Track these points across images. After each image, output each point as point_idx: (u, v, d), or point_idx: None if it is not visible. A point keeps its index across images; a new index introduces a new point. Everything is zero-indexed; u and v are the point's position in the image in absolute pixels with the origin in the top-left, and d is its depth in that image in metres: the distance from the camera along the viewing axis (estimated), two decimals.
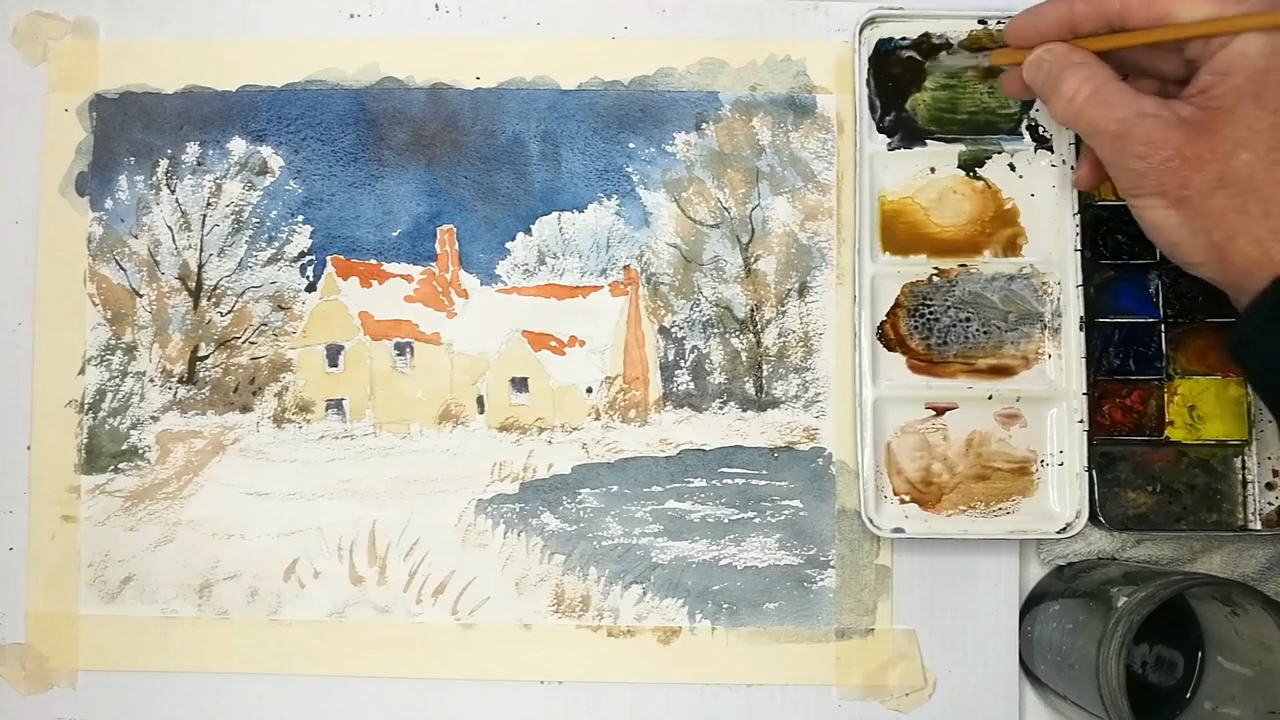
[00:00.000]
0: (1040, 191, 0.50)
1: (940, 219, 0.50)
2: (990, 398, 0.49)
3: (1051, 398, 0.49)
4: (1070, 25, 0.42)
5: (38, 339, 0.51)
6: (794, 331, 0.51)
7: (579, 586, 0.50)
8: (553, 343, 0.51)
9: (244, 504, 0.50)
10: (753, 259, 0.51)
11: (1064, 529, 0.48)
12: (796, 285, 0.51)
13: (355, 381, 0.51)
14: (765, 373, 0.51)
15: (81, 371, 0.51)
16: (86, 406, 0.51)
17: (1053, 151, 0.50)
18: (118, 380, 0.51)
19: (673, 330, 0.51)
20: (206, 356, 0.51)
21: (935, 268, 0.50)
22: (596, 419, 0.51)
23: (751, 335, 0.51)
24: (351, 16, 0.52)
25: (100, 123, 0.51)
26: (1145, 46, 0.41)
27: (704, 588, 0.50)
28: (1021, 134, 0.50)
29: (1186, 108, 0.38)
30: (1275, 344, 0.37)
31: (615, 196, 0.51)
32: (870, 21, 0.50)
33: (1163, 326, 0.49)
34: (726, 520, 0.50)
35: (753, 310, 0.51)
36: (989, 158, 0.50)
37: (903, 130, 0.50)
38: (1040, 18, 0.43)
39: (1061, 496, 0.49)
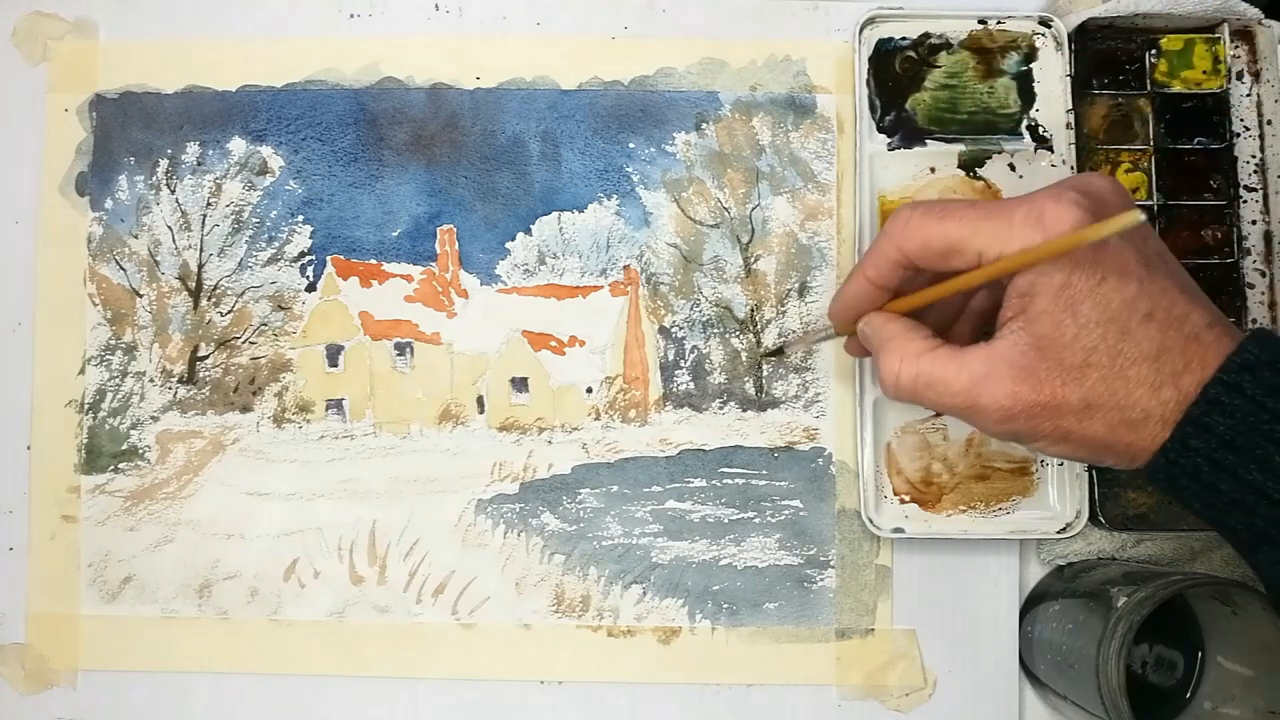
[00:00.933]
0: None
1: None
2: None
3: None
4: (874, 295, 0.40)
5: (38, 339, 0.51)
6: (794, 331, 0.51)
7: (579, 586, 0.50)
8: (553, 343, 0.51)
9: (244, 504, 0.50)
10: (753, 259, 0.51)
11: (1064, 529, 0.48)
12: (796, 285, 0.51)
13: (355, 381, 0.51)
14: (765, 373, 0.51)
15: (81, 371, 0.51)
16: (86, 406, 0.51)
17: (1053, 151, 0.50)
18: (118, 380, 0.51)
19: (673, 330, 0.51)
20: (206, 356, 0.51)
21: None
22: (596, 419, 0.51)
23: (751, 335, 0.51)
24: (351, 16, 0.52)
25: (100, 123, 0.51)
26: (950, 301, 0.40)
27: (704, 588, 0.50)
28: (1021, 134, 0.50)
29: (1013, 348, 0.36)
30: (1180, 499, 0.37)
31: (615, 196, 0.51)
32: (870, 21, 0.50)
33: None
34: (726, 520, 0.50)
35: (753, 310, 0.51)
36: (989, 158, 0.50)
37: (903, 130, 0.50)
38: (845, 298, 0.41)
39: (1061, 496, 0.49)
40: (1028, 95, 0.50)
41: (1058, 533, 0.48)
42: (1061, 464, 0.49)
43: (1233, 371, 0.34)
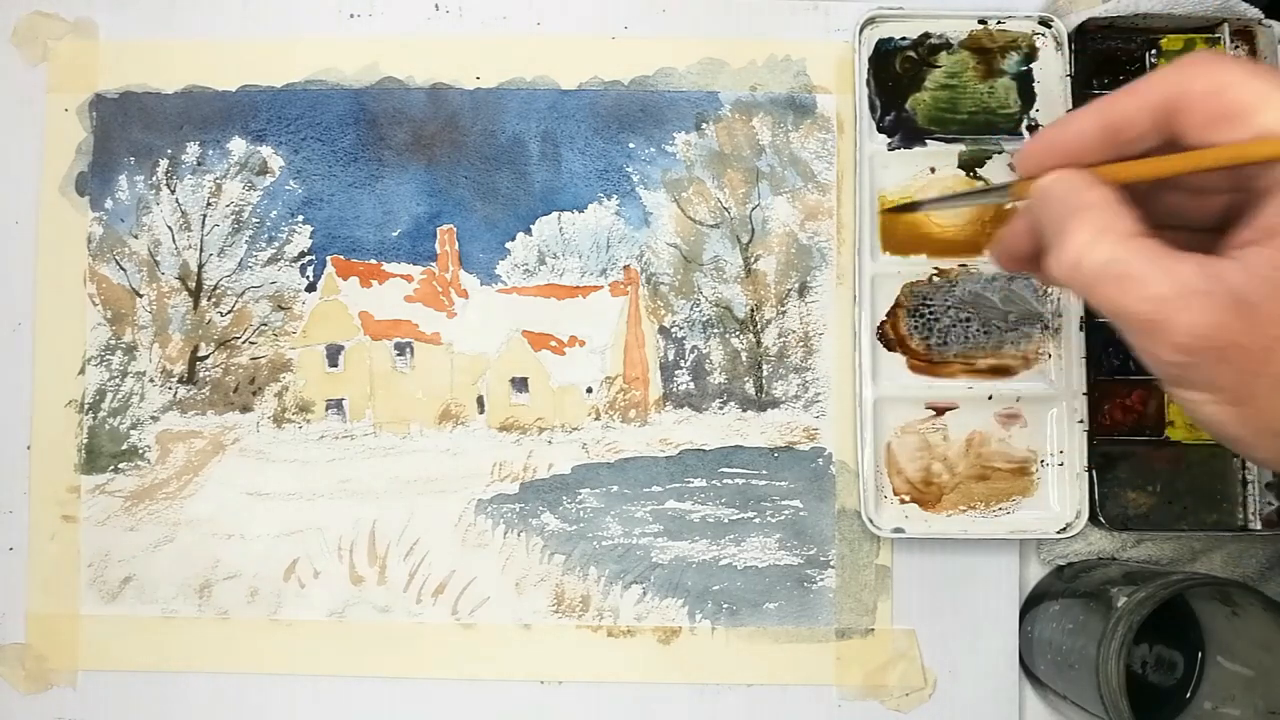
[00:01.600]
0: None
1: (940, 219, 0.50)
2: (990, 398, 0.49)
3: (1052, 398, 0.49)
4: (1093, 147, 0.32)
5: (38, 339, 0.51)
6: (794, 331, 0.51)
7: (579, 586, 0.50)
8: (553, 343, 0.51)
9: (244, 504, 0.50)
10: (753, 259, 0.51)
11: (1064, 529, 0.48)
12: (796, 285, 0.51)
13: (355, 381, 0.51)
14: (765, 373, 0.51)
15: (81, 371, 0.51)
16: (86, 406, 0.51)
17: None
18: (118, 380, 0.51)
19: (673, 330, 0.51)
20: (206, 356, 0.51)
21: (935, 268, 0.50)
22: (596, 419, 0.51)
23: (751, 335, 0.51)
24: (351, 16, 0.52)
25: (100, 123, 0.51)
26: (1185, 183, 0.32)
27: (704, 588, 0.50)
28: (1022, 134, 0.50)
29: (1244, 273, 0.29)
30: None
31: (615, 196, 0.51)
32: (870, 21, 0.50)
33: None
34: (726, 520, 0.50)
35: (753, 310, 0.51)
36: (989, 158, 0.50)
37: (903, 130, 0.50)
38: (1054, 139, 0.32)
39: (1061, 496, 0.49)
40: (1028, 95, 0.50)
41: (1058, 533, 0.48)
42: (1062, 464, 0.49)
43: None
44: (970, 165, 0.50)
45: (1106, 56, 0.51)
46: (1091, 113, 0.32)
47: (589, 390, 0.51)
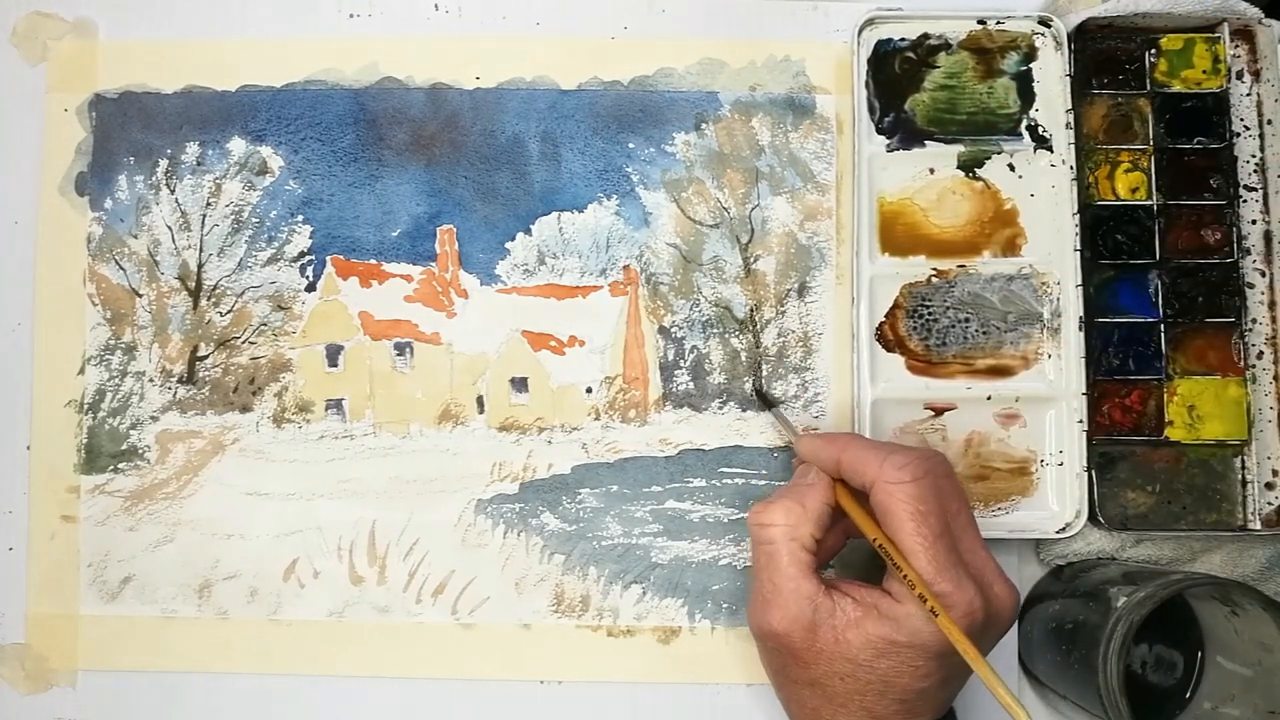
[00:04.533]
0: (1039, 192, 0.50)
1: (939, 220, 0.50)
2: (989, 398, 0.49)
3: (1051, 398, 0.49)
4: (840, 473, 0.42)
5: (38, 339, 0.51)
6: (793, 331, 0.51)
7: (579, 586, 0.50)
8: (552, 343, 0.51)
9: (244, 504, 0.50)
10: (752, 259, 0.51)
11: (1063, 529, 0.48)
12: (796, 285, 0.51)
13: (355, 381, 0.51)
14: (765, 373, 0.51)
15: (81, 371, 0.51)
16: (86, 406, 0.51)
17: (1052, 151, 0.50)
18: (117, 380, 0.51)
19: (672, 330, 0.51)
20: (206, 356, 0.51)
21: (934, 268, 0.50)
22: (596, 419, 0.51)
23: (751, 335, 0.51)
24: (351, 16, 0.52)
25: (100, 123, 0.51)
26: None
27: (704, 587, 0.50)
28: (1021, 134, 0.50)
29: (828, 613, 0.40)
30: None
31: (615, 196, 0.51)
32: (869, 22, 0.50)
33: (1162, 326, 0.49)
34: (726, 520, 0.50)
35: (752, 310, 0.51)
36: (988, 158, 0.50)
37: (902, 131, 0.50)
38: (820, 450, 0.43)
39: (1061, 496, 0.49)
40: (1027, 95, 0.50)
41: (1057, 533, 0.48)
42: (1061, 464, 0.49)
43: None
44: (969, 166, 0.50)
45: (1106, 56, 0.51)
46: (835, 448, 0.42)
47: (589, 390, 0.51)
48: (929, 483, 0.39)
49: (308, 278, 0.51)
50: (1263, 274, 0.50)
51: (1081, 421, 0.48)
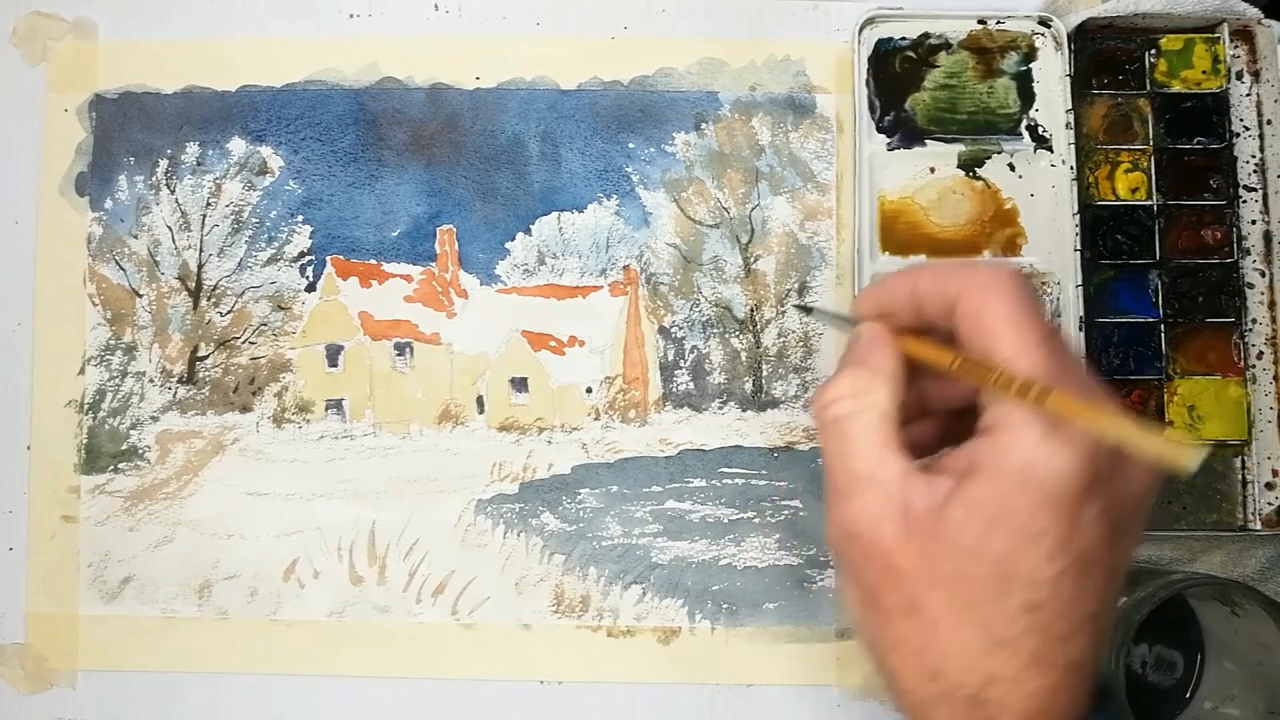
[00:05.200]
0: (1040, 191, 0.50)
1: (940, 219, 0.50)
2: None
3: None
4: (914, 310, 0.33)
5: (38, 339, 0.51)
6: (793, 331, 0.51)
7: (579, 586, 0.50)
8: (552, 343, 0.51)
9: (244, 504, 0.50)
10: (752, 259, 0.51)
11: None
12: (796, 285, 0.51)
13: (355, 381, 0.51)
14: (765, 373, 0.51)
15: (81, 371, 0.51)
16: (86, 406, 0.51)
17: (1052, 151, 0.50)
18: (117, 380, 0.51)
19: (672, 330, 0.51)
20: (206, 356, 0.51)
21: None
22: (596, 419, 0.51)
23: (751, 335, 0.51)
24: (351, 16, 0.52)
25: (100, 123, 0.51)
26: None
27: (704, 588, 0.50)
28: (1021, 134, 0.50)
29: (914, 491, 0.30)
30: None
31: (615, 196, 0.51)
32: (870, 21, 0.50)
33: (1162, 326, 0.49)
34: (726, 520, 0.50)
35: (752, 310, 0.51)
36: (988, 158, 0.50)
37: (902, 130, 0.50)
38: (883, 290, 0.34)
39: None
40: (1027, 95, 0.50)
41: None
42: None
43: None
44: (970, 165, 0.50)
45: (1106, 56, 0.51)
46: (906, 279, 0.33)
47: (589, 390, 0.51)
48: (1028, 284, 0.31)
49: (308, 278, 0.51)
50: (1263, 274, 0.50)
51: None
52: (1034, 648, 0.29)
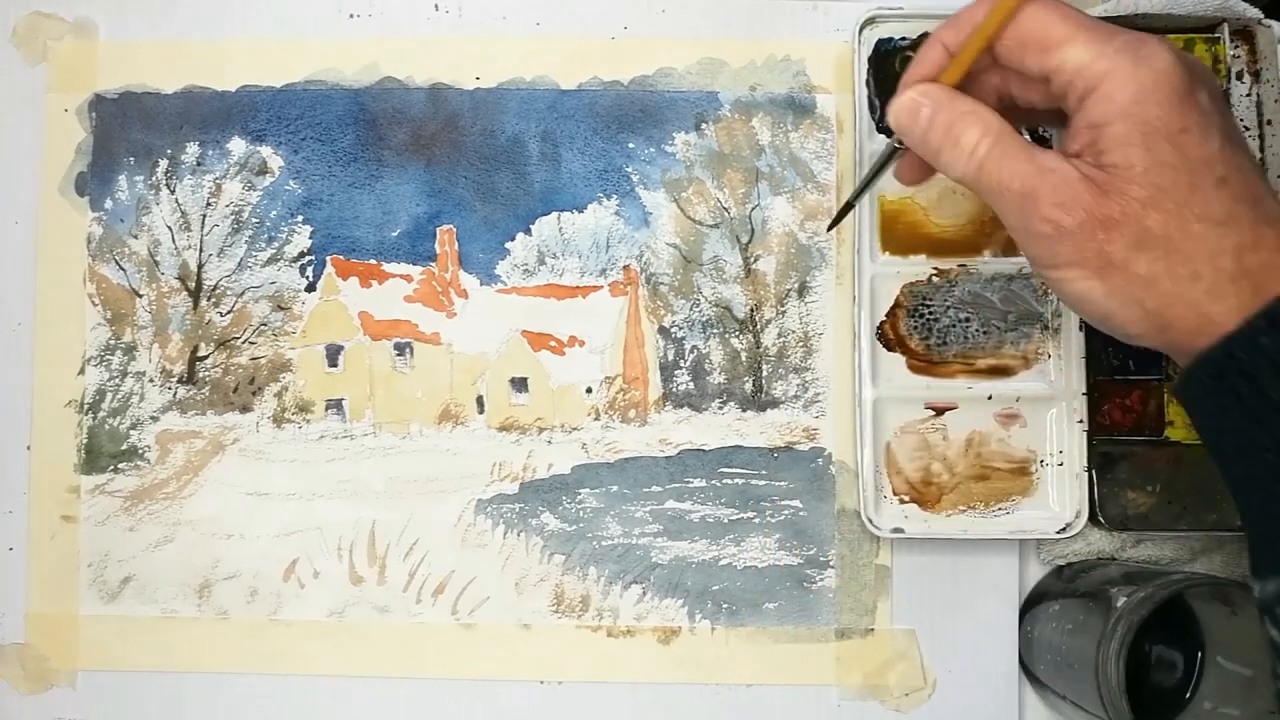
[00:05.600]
0: None
1: (940, 219, 0.50)
2: (990, 398, 0.49)
3: (1051, 398, 0.49)
4: (942, 70, 0.38)
5: (38, 339, 0.51)
6: (794, 331, 0.51)
7: (579, 586, 0.50)
8: (552, 343, 0.51)
9: (244, 504, 0.50)
10: (752, 259, 0.51)
11: (1064, 529, 0.48)
12: (796, 285, 0.51)
13: (355, 381, 0.51)
14: (765, 373, 0.51)
15: (81, 371, 0.51)
16: (86, 406, 0.51)
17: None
18: (117, 380, 0.51)
19: (672, 330, 0.51)
20: (206, 356, 0.51)
21: (935, 268, 0.50)
22: (596, 419, 0.51)
23: (751, 335, 0.51)
24: (351, 16, 0.52)
25: (100, 123, 0.51)
26: (1016, 79, 0.38)
27: (704, 588, 0.50)
28: (1021, 133, 0.50)
29: (1082, 163, 0.35)
30: (1220, 403, 0.34)
31: (615, 196, 0.51)
32: (870, 21, 0.50)
33: None
34: (726, 520, 0.50)
35: (752, 310, 0.51)
36: None
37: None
38: (922, 66, 0.38)
39: (1061, 496, 0.49)
40: None
41: (1057, 533, 0.48)
42: (1062, 464, 0.49)
43: None
44: None
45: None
46: (936, 45, 0.38)
47: (589, 390, 0.51)
48: None
49: (308, 278, 0.51)
50: None
51: (1082, 421, 0.48)
52: (1245, 213, 0.33)
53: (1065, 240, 0.34)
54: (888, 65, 0.50)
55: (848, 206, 0.45)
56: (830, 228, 0.49)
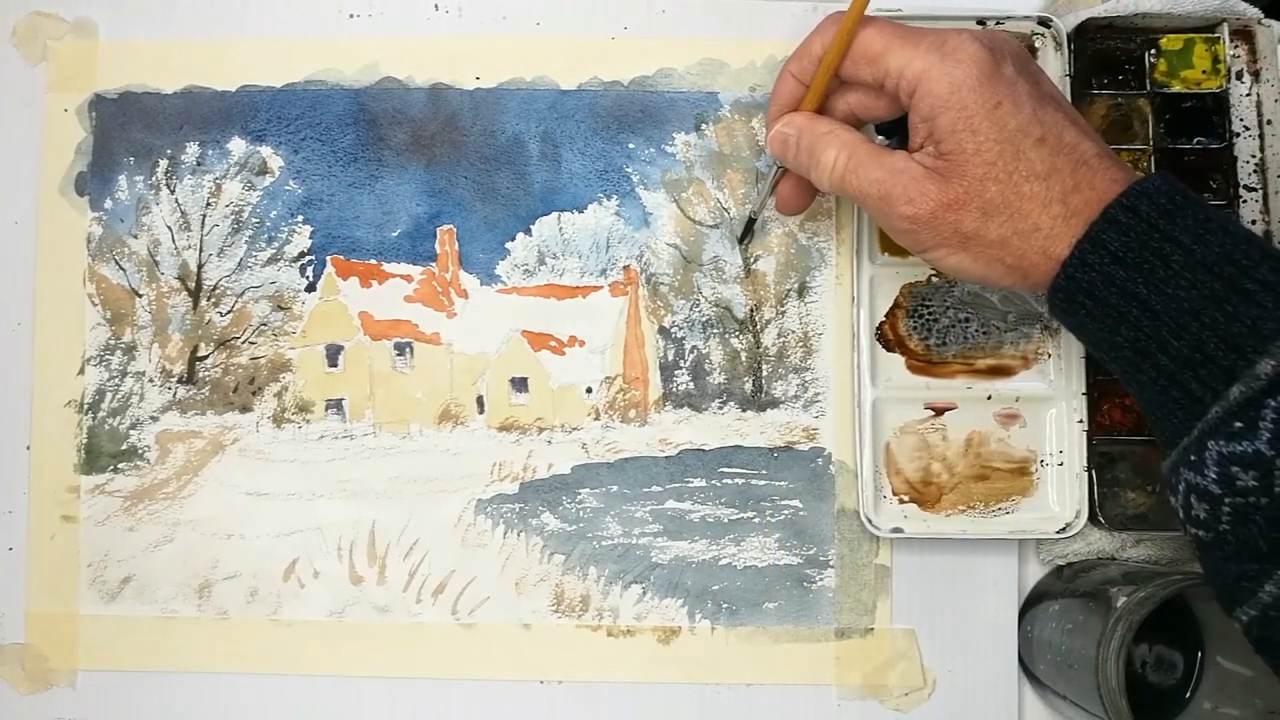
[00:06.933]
0: None
1: None
2: (989, 398, 0.49)
3: (1051, 398, 0.49)
4: (798, 94, 0.44)
5: (38, 339, 0.51)
6: (793, 331, 0.51)
7: (579, 586, 0.50)
8: (552, 343, 0.51)
9: (244, 504, 0.50)
10: (752, 259, 0.51)
11: (1063, 529, 0.48)
12: (796, 285, 0.51)
13: (355, 381, 0.51)
14: (765, 373, 0.51)
15: (81, 371, 0.51)
16: (86, 406, 0.51)
17: None
18: (117, 380, 0.51)
19: (672, 330, 0.51)
20: (206, 356, 0.51)
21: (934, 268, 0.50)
22: (596, 419, 0.51)
23: (751, 335, 0.51)
24: (351, 16, 0.52)
25: (100, 123, 0.51)
26: (861, 93, 0.43)
27: (704, 587, 0.50)
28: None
29: (924, 157, 0.40)
30: (1078, 320, 0.39)
31: (615, 197, 0.51)
32: None
33: None
34: (726, 520, 0.50)
35: (752, 310, 0.51)
36: None
37: (901, 130, 0.50)
38: (776, 100, 0.45)
39: (1061, 496, 0.49)
40: None
41: (1057, 533, 0.48)
42: (1061, 464, 0.49)
43: (1133, 196, 0.37)
44: None
45: (1106, 56, 0.51)
46: (787, 77, 0.44)
47: (589, 390, 0.51)
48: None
49: (308, 278, 0.51)
50: None
51: (1082, 421, 0.48)
52: (1064, 162, 0.38)
53: (924, 228, 0.40)
54: None
55: (751, 221, 0.50)
56: (740, 241, 0.51)
